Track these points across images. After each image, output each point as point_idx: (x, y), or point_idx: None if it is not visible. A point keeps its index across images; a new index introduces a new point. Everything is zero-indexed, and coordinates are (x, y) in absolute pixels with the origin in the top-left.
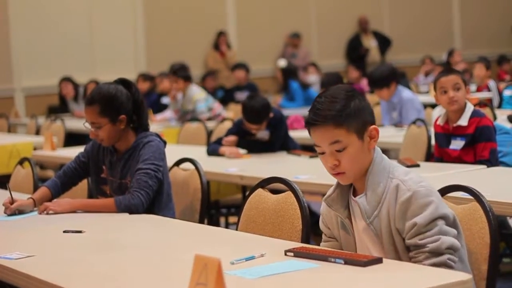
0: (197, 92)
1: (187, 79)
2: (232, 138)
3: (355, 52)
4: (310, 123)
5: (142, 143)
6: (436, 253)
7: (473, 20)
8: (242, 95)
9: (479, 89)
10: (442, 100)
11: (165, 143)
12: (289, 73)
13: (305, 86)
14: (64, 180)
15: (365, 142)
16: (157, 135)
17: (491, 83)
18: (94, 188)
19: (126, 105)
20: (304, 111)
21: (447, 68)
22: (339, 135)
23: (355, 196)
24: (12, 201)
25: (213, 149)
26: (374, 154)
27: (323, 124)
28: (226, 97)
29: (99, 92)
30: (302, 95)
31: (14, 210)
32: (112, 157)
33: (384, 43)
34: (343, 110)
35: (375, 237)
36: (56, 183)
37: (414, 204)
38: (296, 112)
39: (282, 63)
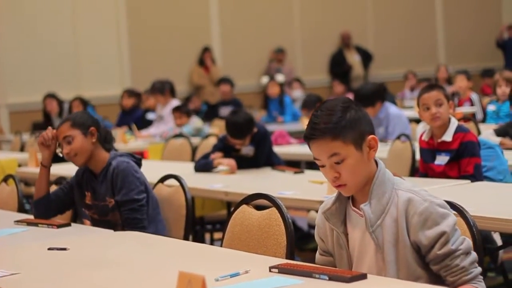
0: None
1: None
2: (219, 154)
3: (338, 67)
4: (308, 137)
5: (112, 167)
6: (468, 252)
7: (458, 35)
8: (226, 111)
9: (460, 102)
10: (425, 116)
11: (140, 160)
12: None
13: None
14: (52, 197)
15: (364, 152)
16: (129, 154)
17: (474, 96)
18: (79, 212)
19: (94, 121)
20: (292, 126)
21: (430, 84)
22: (336, 148)
23: (354, 207)
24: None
25: (206, 164)
26: (378, 166)
27: (320, 137)
28: (210, 112)
29: (68, 115)
30: (291, 110)
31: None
32: (93, 182)
33: (367, 57)
34: (339, 122)
35: (376, 247)
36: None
37: (434, 213)
38: (284, 128)
39: (280, 78)
